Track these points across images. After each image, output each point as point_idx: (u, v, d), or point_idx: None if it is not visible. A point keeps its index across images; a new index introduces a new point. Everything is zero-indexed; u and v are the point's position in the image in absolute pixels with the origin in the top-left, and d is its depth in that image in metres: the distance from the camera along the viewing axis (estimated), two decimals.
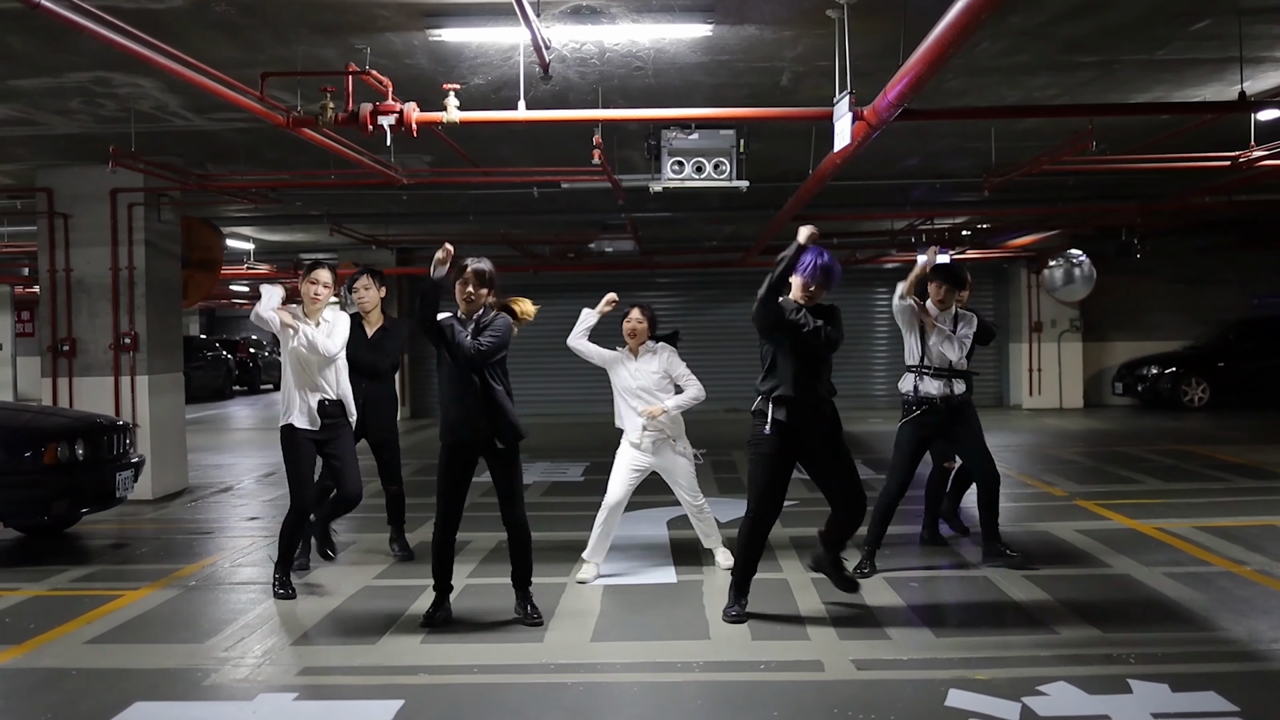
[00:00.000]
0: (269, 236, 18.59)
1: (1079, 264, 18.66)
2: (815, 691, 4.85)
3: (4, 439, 7.90)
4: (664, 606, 6.32)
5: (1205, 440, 14.38)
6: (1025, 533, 8.16)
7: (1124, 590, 6.56)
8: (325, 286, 6.62)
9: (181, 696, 4.92)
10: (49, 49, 7.22)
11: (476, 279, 5.88)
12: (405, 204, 13.93)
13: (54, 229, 10.91)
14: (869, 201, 14.85)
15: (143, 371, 10.90)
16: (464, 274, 5.87)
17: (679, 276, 21.60)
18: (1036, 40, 7.50)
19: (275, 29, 6.92)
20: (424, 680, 5.09)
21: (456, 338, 5.76)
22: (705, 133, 8.30)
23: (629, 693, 4.92)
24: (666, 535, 8.30)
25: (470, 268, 5.89)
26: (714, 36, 7.22)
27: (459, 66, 7.76)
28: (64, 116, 9.08)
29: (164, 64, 5.95)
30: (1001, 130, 10.43)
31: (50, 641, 5.79)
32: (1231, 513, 8.94)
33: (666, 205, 13.12)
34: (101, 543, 8.69)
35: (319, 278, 6.62)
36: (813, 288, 5.76)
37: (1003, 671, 5.00)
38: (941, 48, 5.05)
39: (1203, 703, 4.57)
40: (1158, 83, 8.77)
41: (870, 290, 21.40)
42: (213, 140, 10.21)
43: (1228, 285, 20.33)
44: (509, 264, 19.63)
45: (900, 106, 6.17)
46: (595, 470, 6.95)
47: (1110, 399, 20.29)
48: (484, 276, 5.91)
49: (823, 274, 5.73)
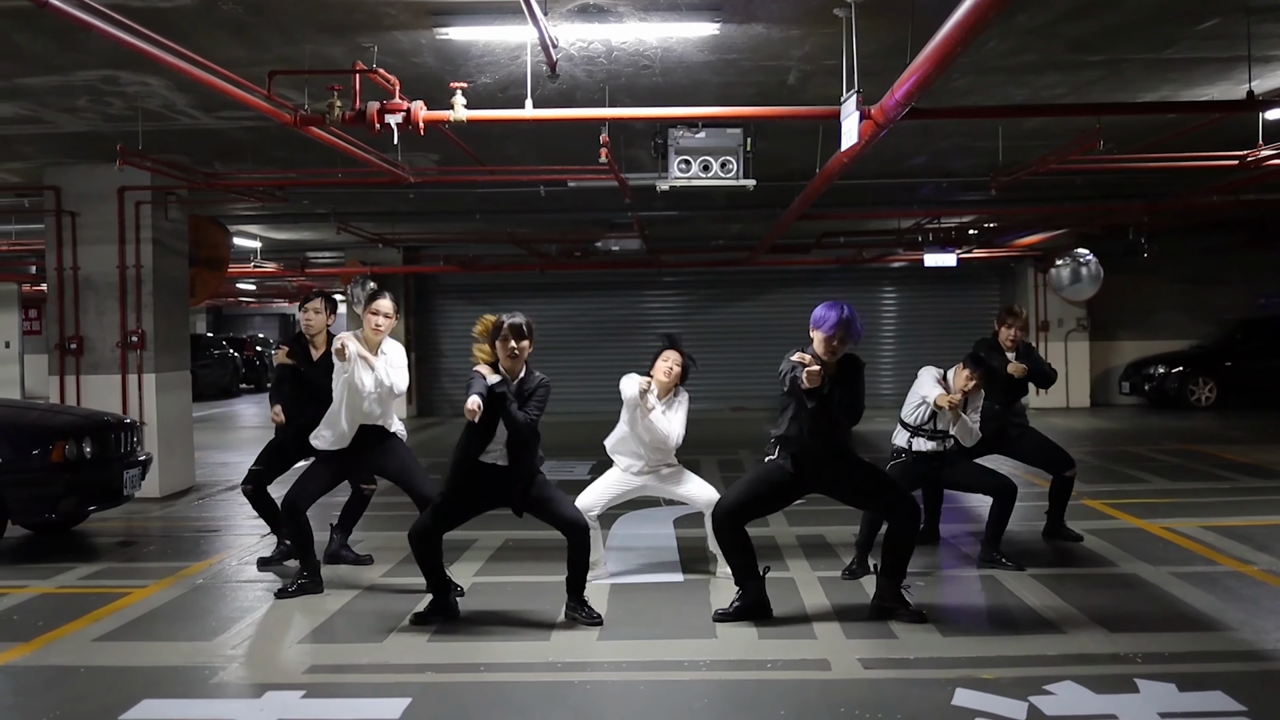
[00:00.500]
0: (276, 235, 18.61)
1: (1086, 263, 18.65)
2: (822, 690, 4.85)
3: (12, 437, 7.92)
4: (670, 606, 6.33)
5: (1212, 440, 14.36)
6: (1031, 533, 8.15)
7: (1131, 590, 6.55)
8: (387, 316, 6.53)
9: (189, 694, 4.94)
10: (57, 47, 7.24)
11: (515, 334, 5.81)
12: (412, 202, 13.93)
13: (62, 227, 10.93)
14: (876, 200, 14.84)
15: (150, 370, 10.92)
16: (502, 332, 5.81)
17: (685, 275, 21.59)
18: (1043, 39, 7.49)
19: (282, 28, 6.93)
20: (431, 678, 5.10)
21: (513, 413, 5.75)
22: (712, 131, 8.28)
23: (635, 691, 4.93)
24: (673, 535, 8.30)
25: (507, 324, 5.81)
26: (721, 35, 7.22)
27: (466, 65, 7.77)
28: (72, 115, 9.10)
29: (172, 62, 5.96)
30: (1008, 129, 10.41)
31: (58, 639, 5.81)
32: (1239, 512, 8.92)
33: (673, 204, 13.12)
34: (109, 540, 8.71)
35: (380, 308, 6.52)
36: (835, 342, 5.77)
37: (1009, 671, 5.00)
38: (949, 47, 5.05)
39: (1210, 702, 4.56)
40: (1165, 82, 8.75)
41: (877, 289, 21.40)
42: (220, 139, 10.23)
43: (1235, 285, 20.29)
44: (515, 263, 19.69)
45: (907, 105, 6.16)
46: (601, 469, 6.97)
47: (1117, 398, 20.26)
48: (522, 331, 5.84)
49: (843, 329, 5.74)
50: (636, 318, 21.45)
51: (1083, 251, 18.56)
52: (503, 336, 5.80)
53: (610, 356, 19.00)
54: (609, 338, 20.75)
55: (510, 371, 5.85)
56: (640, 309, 21.74)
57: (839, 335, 5.73)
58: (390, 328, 6.61)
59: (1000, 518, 7.11)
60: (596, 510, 6.86)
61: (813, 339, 5.80)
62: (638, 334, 20.66)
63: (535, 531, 7.94)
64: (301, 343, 7.39)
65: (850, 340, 5.77)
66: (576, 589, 6.01)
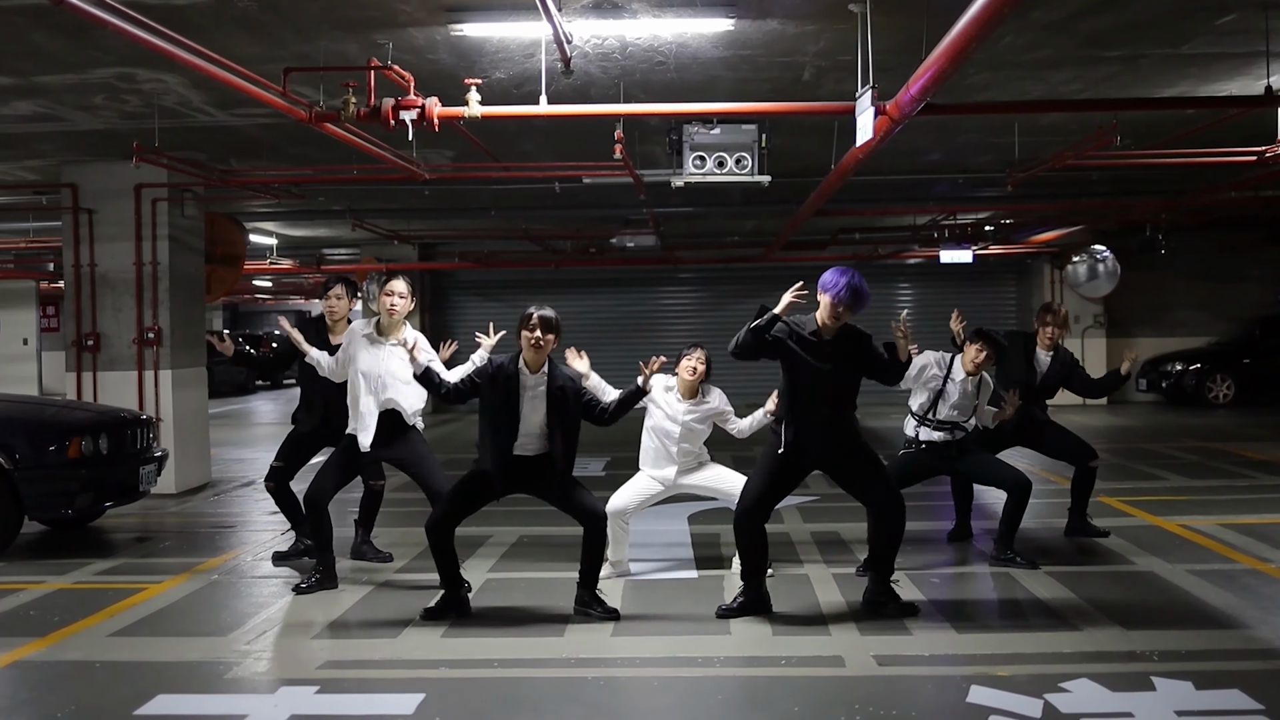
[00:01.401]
0: (292, 231, 18.67)
1: (1103, 260, 18.56)
2: (836, 687, 4.84)
3: (29, 433, 7.96)
4: (685, 602, 6.32)
5: (1230, 437, 14.28)
6: (1048, 529, 8.13)
7: (1147, 588, 6.52)
8: (401, 297, 6.52)
9: (204, 689, 4.95)
10: (74, 45, 7.27)
11: (542, 325, 5.82)
12: (427, 199, 13.95)
13: (79, 224, 10.98)
14: (891, 197, 14.81)
15: (166, 366, 10.96)
16: (531, 321, 5.83)
17: (700, 272, 21.58)
18: (1060, 34, 7.45)
19: (297, 25, 6.94)
20: (445, 674, 5.10)
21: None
22: (727, 127, 8.28)
23: (649, 687, 4.92)
24: (688, 531, 8.30)
25: (536, 315, 5.84)
26: (736, 31, 7.21)
27: (480, 61, 7.77)
28: (88, 112, 9.14)
29: (188, 60, 5.98)
30: (1025, 125, 10.37)
31: (75, 634, 5.84)
32: (1256, 510, 8.88)
33: (688, 200, 13.09)
34: (125, 536, 8.75)
35: (394, 288, 6.52)
36: (840, 309, 5.72)
37: (1025, 668, 4.98)
38: (964, 42, 5.03)
39: (1227, 700, 4.53)
40: (1183, 77, 8.70)
41: (892, 286, 21.35)
42: (236, 136, 10.26)
43: (1253, 281, 20.15)
44: (530, 259, 19.71)
45: (923, 101, 6.13)
46: (616, 465, 6.96)
47: (1134, 395, 20.16)
48: (550, 323, 5.85)
49: (851, 295, 5.69)
50: (651, 314, 21.45)
51: (1100, 248, 18.47)
52: (530, 325, 5.82)
53: (625, 353, 18.88)
54: (624, 334, 20.73)
55: (532, 363, 5.87)
56: (655, 305, 21.74)
57: (846, 301, 5.69)
58: (406, 308, 6.57)
59: (1014, 514, 7.05)
60: (629, 514, 6.88)
61: (819, 303, 5.78)
62: (653, 330, 20.68)
63: (550, 528, 7.97)
64: (320, 327, 7.39)
65: (857, 306, 5.73)
66: (590, 583, 6.01)
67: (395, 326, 6.55)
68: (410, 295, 6.63)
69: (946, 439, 7.05)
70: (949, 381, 7.03)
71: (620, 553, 6.93)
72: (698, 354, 6.75)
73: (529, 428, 5.88)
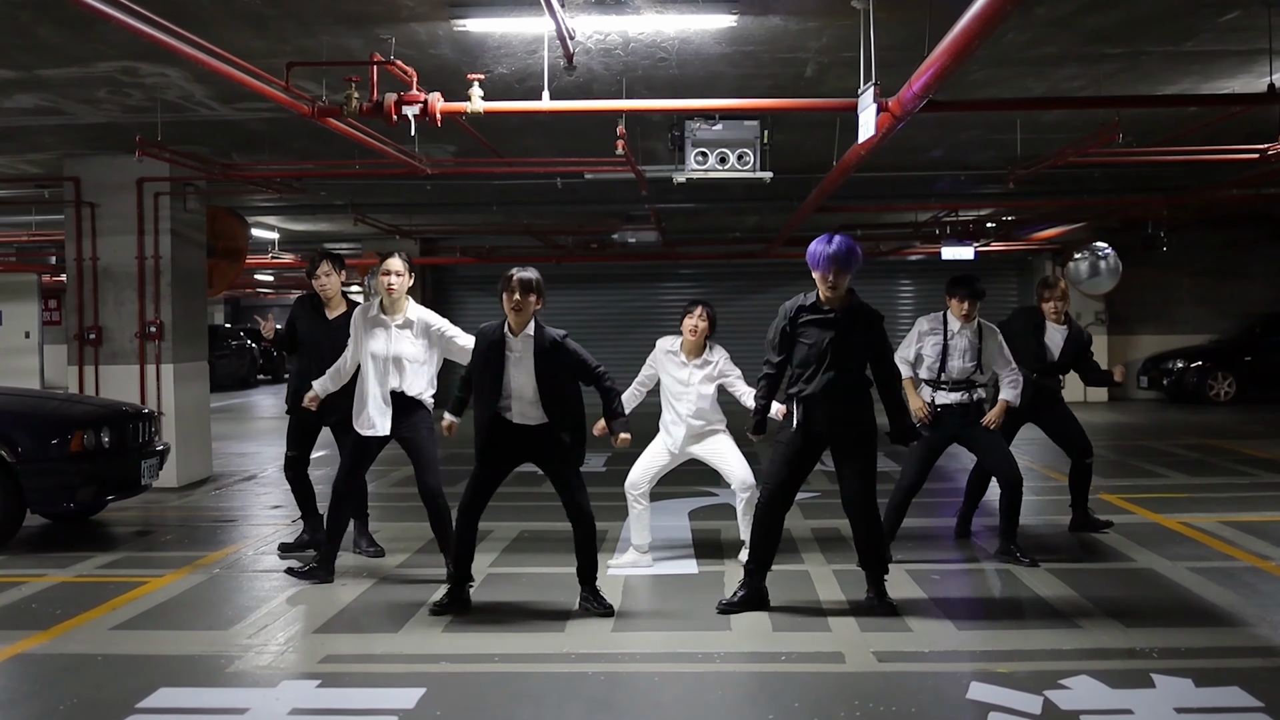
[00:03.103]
0: (293, 226, 18.67)
1: (1104, 257, 18.51)
2: (836, 683, 4.85)
3: (31, 427, 7.97)
4: (685, 597, 6.33)
5: (1231, 435, 14.28)
6: (1048, 526, 8.14)
7: (1147, 585, 6.53)
8: (398, 274, 6.53)
9: (205, 683, 4.96)
10: (77, 38, 7.27)
11: (521, 288, 5.81)
12: (429, 194, 13.95)
13: (81, 218, 10.98)
14: (893, 193, 14.80)
15: (168, 360, 10.96)
16: (510, 284, 5.82)
17: (702, 267, 21.56)
18: (1063, 31, 7.44)
19: (300, 19, 6.94)
20: (446, 669, 5.11)
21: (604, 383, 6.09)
22: (729, 123, 8.28)
23: (650, 682, 4.93)
24: (688, 526, 8.31)
25: (516, 277, 5.83)
26: (738, 27, 7.21)
27: (483, 57, 7.77)
28: (91, 106, 9.13)
29: (190, 54, 5.98)
30: (1027, 122, 10.36)
31: (76, 627, 5.85)
32: (1257, 507, 8.88)
33: (690, 196, 13.10)
34: (127, 530, 8.77)
35: (390, 266, 6.52)
36: (830, 277, 5.73)
37: (1025, 665, 4.99)
38: (967, 39, 5.03)
39: (1227, 698, 4.54)
40: (1185, 74, 8.70)
41: (894, 282, 21.36)
42: (238, 130, 10.25)
43: (1254, 279, 20.14)
44: (532, 254, 19.69)
45: (925, 98, 6.13)
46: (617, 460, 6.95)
47: (1135, 392, 20.15)
48: (530, 285, 5.83)
49: (832, 262, 5.70)
50: (652, 310, 21.42)
51: (1101, 245, 18.43)
52: (510, 288, 5.82)
53: (626, 348, 18.95)
54: (625, 330, 20.71)
55: (515, 325, 5.86)
56: (656, 301, 21.72)
57: (832, 269, 5.70)
58: (405, 285, 6.58)
59: (1010, 513, 7.06)
60: (644, 486, 6.95)
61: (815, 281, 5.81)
62: (654, 326, 20.57)
63: (551, 523, 7.98)
64: (316, 301, 7.41)
65: (846, 269, 5.72)
66: (589, 579, 6.03)
67: (398, 305, 6.57)
68: (408, 272, 6.63)
69: (964, 401, 7.04)
70: (950, 337, 7.03)
71: (642, 536, 6.92)
72: (698, 311, 6.77)
73: (522, 392, 5.88)
